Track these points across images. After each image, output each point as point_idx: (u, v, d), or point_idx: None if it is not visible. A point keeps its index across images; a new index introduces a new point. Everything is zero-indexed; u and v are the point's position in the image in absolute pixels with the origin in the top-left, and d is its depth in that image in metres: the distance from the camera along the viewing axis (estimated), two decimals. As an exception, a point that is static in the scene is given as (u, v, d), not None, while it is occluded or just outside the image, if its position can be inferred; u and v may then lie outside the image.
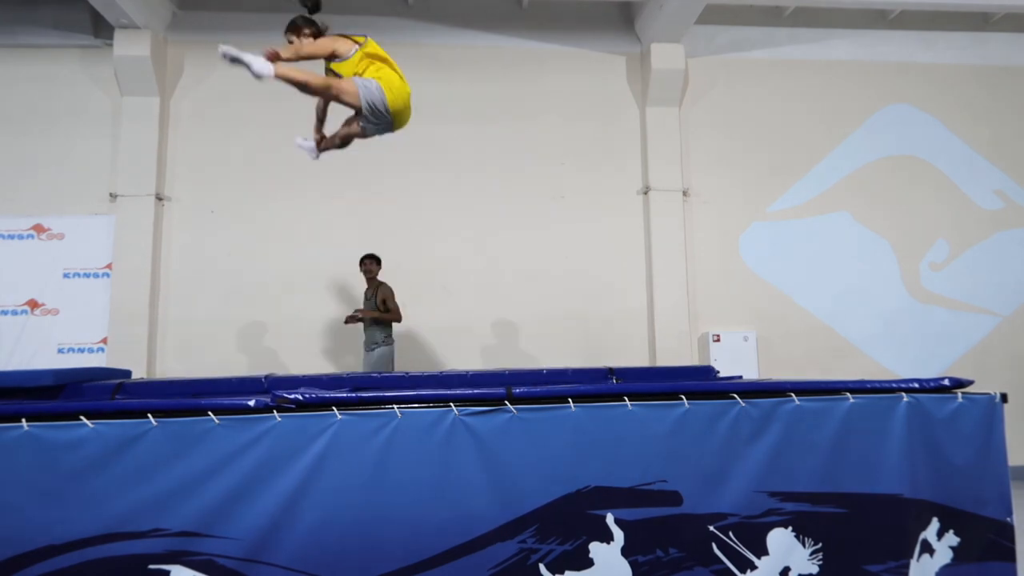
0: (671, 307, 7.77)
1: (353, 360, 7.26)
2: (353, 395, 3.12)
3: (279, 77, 3.74)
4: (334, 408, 2.94)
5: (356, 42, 4.01)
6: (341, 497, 2.88)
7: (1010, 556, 3.30)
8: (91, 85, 7.67)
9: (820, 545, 3.14)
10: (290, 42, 4.01)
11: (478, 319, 7.68)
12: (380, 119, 4.04)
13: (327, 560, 2.84)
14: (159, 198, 7.53)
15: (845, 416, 3.22)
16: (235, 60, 3.62)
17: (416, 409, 3.00)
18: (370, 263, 6.83)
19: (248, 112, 7.66)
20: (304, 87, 3.85)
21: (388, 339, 6.66)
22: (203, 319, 7.40)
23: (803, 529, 3.13)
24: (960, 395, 3.33)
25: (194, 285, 7.45)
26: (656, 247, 7.86)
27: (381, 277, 6.87)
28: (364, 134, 4.19)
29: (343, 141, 4.34)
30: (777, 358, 7.78)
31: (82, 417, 2.80)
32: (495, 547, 2.93)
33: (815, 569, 3.12)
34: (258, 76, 3.66)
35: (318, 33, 4.05)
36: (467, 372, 5.14)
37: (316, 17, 4.08)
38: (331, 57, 3.99)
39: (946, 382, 3.36)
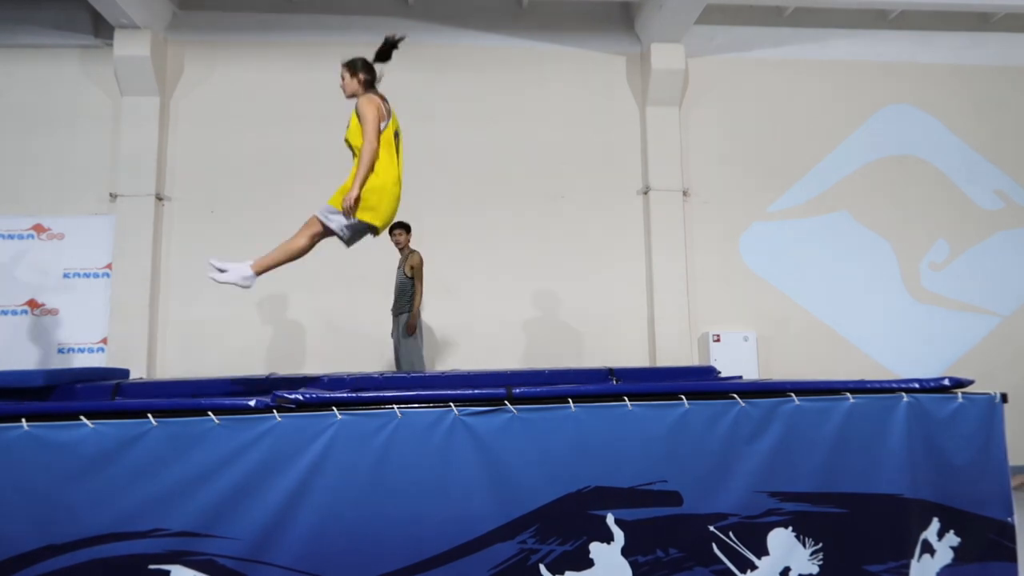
0: (671, 307, 7.76)
1: (353, 360, 7.24)
2: (353, 395, 3.12)
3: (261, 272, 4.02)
4: (334, 408, 2.94)
5: (387, 111, 4.10)
6: (341, 497, 2.88)
7: (1011, 556, 3.29)
8: (91, 85, 7.67)
9: (820, 545, 3.14)
10: (343, 77, 4.16)
11: (478, 319, 7.67)
12: (359, 232, 4.21)
13: (327, 560, 2.83)
14: (159, 198, 7.52)
15: (845, 416, 3.22)
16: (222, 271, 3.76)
17: (416, 409, 2.99)
18: (399, 233, 6.56)
19: (248, 112, 7.67)
20: (289, 261, 4.07)
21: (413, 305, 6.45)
22: (203, 319, 7.39)
23: (803, 529, 3.13)
24: (960, 395, 3.33)
25: (194, 285, 7.43)
26: (656, 247, 7.86)
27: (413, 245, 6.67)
28: (346, 242, 4.29)
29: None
30: (777, 358, 7.78)
31: (82, 417, 2.80)
32: (495, 547, 2.93)
33: (815, 569, 3.11)
34: (245, 285, 3.96)
35: (371, 82, 4.17)
36: (467, 372, 5.14)
37: (377, 65, 4.17)
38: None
39: (946, 382, 3.36)
